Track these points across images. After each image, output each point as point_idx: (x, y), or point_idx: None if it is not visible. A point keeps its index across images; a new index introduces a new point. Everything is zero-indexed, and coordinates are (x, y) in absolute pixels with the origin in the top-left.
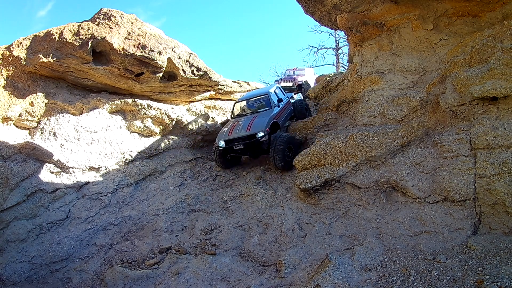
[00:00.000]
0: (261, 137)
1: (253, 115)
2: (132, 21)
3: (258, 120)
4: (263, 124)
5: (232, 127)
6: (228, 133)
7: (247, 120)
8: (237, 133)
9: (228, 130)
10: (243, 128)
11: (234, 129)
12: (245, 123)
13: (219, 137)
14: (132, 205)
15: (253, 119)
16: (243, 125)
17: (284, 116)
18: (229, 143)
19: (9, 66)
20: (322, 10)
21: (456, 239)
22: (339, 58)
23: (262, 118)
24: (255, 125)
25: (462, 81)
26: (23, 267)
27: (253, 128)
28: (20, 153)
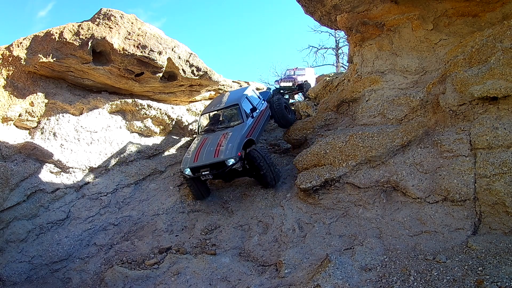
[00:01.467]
0: (232, 165)
1: (222, 133)
2: (132, 21)
3: (228, 141)
4: (232, 147)
5: (198, 149)
6: (194, 157)
7: (215, 139)
8: (204, 158)
9: (194, 153)
10: (210, 152)
11: (200, 153)
12: (213, 143)
13: (185, 162)
14: (132, 205)
15: (222, 139)
16: (210, 147)
17: (260, 127)
18: (196, 171)
19: (9, 66)
20: (322, 10)
21: (456, 239)
22: (339, 58)
23: (233, 139)
24: (224, 148)
25: (462, 81)
26: (23, 267)
27: (221, 153)
28: (20, 153)
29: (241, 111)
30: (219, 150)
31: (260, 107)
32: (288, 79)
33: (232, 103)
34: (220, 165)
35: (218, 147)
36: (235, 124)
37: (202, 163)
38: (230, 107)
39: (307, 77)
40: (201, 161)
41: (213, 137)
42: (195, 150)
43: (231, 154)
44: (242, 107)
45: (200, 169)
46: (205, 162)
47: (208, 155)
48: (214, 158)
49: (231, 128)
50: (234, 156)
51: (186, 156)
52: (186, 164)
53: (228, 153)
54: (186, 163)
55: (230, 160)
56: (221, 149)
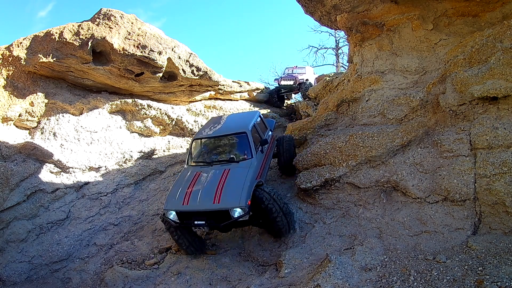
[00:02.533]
0: (238, 217)
1: (223, 168)
2: (132, 21)
3: (233, 183)
4: (240, 193)
5: (190, 187)
6: (183, 197)
7: (214, 177)
8: (199, 202)
9: (184, 192)
10: (207, 194)
11: (193, 193)
12: (211, 182)
13: (169, 202)
14: (132, 205)
15: (223, 178)
16: (208, 188)
17: (268, 165)
18: (186, 218)
19: (9, 66)
20: (322, 10)
21: (456, 239)
22: (339, 58)
23: (238, 180)
24: (228, 192)
25: (462, 81)
26: (23, 267)
27: (224, 199)
28: (20, 153)
29: (250, 142)
30: (221, 193)
31: (269, 139)
32: (288, 78)
33: (238, 131)
34: (221, 215)
35: (219, 189)
36: (240, 158)
37: (195, 208)
38: (235, 135)
39: (308, 75)
40: (194, 205)
41: (210, 173)
42: (185, 187)
43: (238, 202)
44: (251, 138)
45: (192, 217)
46: (200, 207)
47: (204, 198)
48: (214, 204)
49: (236, 164)
50: (242, 205)
51: (172, 193)
52: (172, 206)
53: (235, 201)
54: (171, 204)
55: (237, 210)
56: (224, 193)
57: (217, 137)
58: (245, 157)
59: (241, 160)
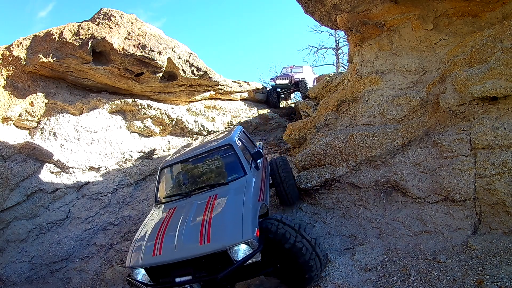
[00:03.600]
0: (245, 258)
1: (207, 195)
2: (132, 21)
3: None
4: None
5: (161, 230)
6: (153, 247)
7: (196, 210)
8: (177, 248)
9: (153, 238)
10: (188, 234)
11: (167, 237)
12: (192, 218)
13: (134, 258)
14: (132, 205)
15: (210, 208)
16: (188, 225)
17: (267, 183)
18: (162, 275)
19: (9, 66)
20: (322, 10)
21: (456, 239)
22: (339, 58)
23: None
24: (221, 224)
25: (462, 81)
26: (23, 267)
27: (216, 235)
28: (20, 153)
29: (239, 156)
30: (209, 228)
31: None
32: (284, 77)
33: (219, 144)
34: (216, 261)
35: (206, 223)
36: (230, 179)
37: (173, 257)
38: (217, 150)
39: (305, 74)
40: (170, 253)
41: (189, 206)
42: (155, 232)
43: (240, 234)
44: (238, 150)
45: (171, 272)
46: (180, 255)
47: (186, 240)
48: (202, 246)
49: (224, 187)
50: (249, 237)
51: (136, 243)
52: (138, 261)
53: (234, 234)
54: (137, 258)
55: (240, 248)
56: (215, 227)
57: (193, 158)
58: (235, 176)
59: (231, 181)
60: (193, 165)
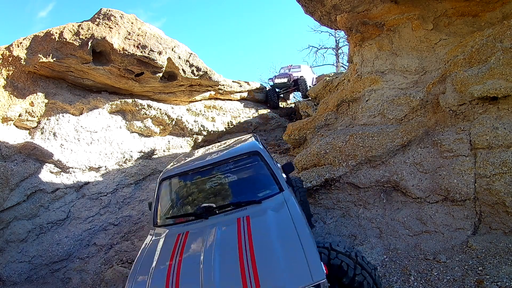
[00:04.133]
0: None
1: (234, 219)
2: (132, 21)
3: (272, 240)
4: (297, 252)
5: (174, 267)
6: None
7: (224, 237)
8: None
9: (162, 279)
10: (222, 274)
11: (183, 279)
12: (220, 248)
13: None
14: (132, 205)
15: (246, 236)
16: (218, 260)
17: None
18: None
19: (9, 66)
20: (322, 10)
21: (456, 239)
22: (339, 58)
23: (282, 229)
24: (270, 259)
25: (462, 81)
26: (23, 267)
27: (269, 277)
28: (20, 153)
29: (270, 166)
30: (254, 265)
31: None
32: (283, 76)
33: (244, 151)
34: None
35: (245, 257)
36: (262, 196)
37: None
38: (239, 159)
39: (303, 73)
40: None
41: (208, 231)
42: (164, 268)
43: (308, 273)
44: (268, 158)
45: None
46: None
47: (220, 283)
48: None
49: (256, 207)
50: (321, 277)
51: (138, 283)
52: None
53: (298, 272)
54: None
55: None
56: (263, 262)
57: (206, 168)
58: (268, 193)
59: (264, 199)
60: (206, 177)
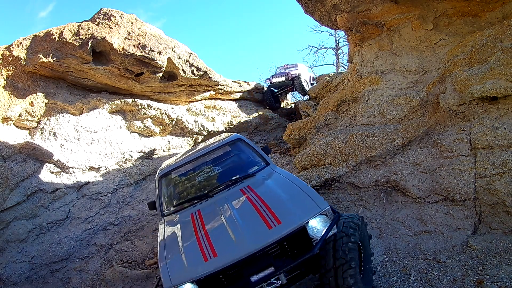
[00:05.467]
0: (329, 228)
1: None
2: (132, 21)
3: (279, 192)
4: (302, 195)
5: (201, 233)
6: (199, 253)
7: (236, 203)
8: (239, 242)
9: (195, 245)
10: (245, 224)
11: (213, 237)
12: (237, 210)
13: (174, 273)
14: (132, 205)
15: (255, 196)
16: (238, 217)
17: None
18: (224, 282)
19: (9, 66)
20: (322, 10)
21: (456, 238)
22: (339, 58)
23: (283, 185)
24: (283, 204)
25: (462, 81)
26: (23, 267)
27: (284, 214)
28: (20, 153)
29: (253, 147)
30: (270, 211)
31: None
32: (280, 75)
33: (228, 141)
34: (290, 246)
35: (260, 207)
36: (254, 170)
37: (239, 254)
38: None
39: (300, 71)
40: (232, 252)
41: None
42: (190, 237)
43: (315, 205)
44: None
45: (242, 272)
46: (249, 249)
47: (246, 230)
48: (273, 229)
49: (252, 179)
50: (326, 205)
51: (169, 259)
52: (183, 275)
53: (308, 206)
54: (179, 273)
55: (319, 221)
56: (277, 207)
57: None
58: (258, 168)
59: (257, 172)
60: (199, 167)
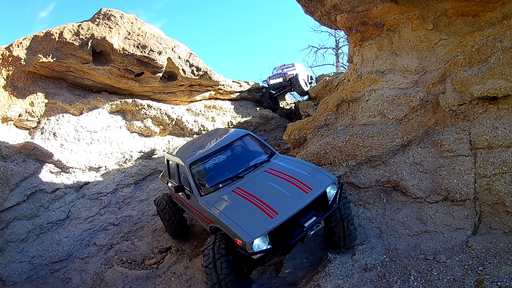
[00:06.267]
0: (338, 190)
1: (262, 170)
2: (132, 21)
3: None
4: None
5: (256, 201)
6: (265, 213)
7: (269, 178)
8: (290, 204)
9: (256, 209)
10: (290, 192)
11: (269, 202)
12: (275, 182)
13: (248, 230)
14: (132, 205)
15: (282, 173)
16: (279, 188)
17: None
18: (286, 231)
19: (9, 66)
20: (322, 10)
21: (456, 238)
22: (339, 58)
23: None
24: (306, 178)
25: (462, 81)
26: (23, 267)
27: (312, 184)
28: (20, 153)
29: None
30: (301, 182)
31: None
32: (277, 76)
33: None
34: (316, 203)
35: (292, 180)
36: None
37: (293, 210)
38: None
39: (298, 71)
40: (288, 209)
41: (254, 180)
42: (249, 205)
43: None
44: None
45: (296, 223)
46: (299, 206)
47: (292, 195)
48: (308, 194)
49: (268, 164)
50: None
51: (237, 220)
52: (257, 229)
53: (324, 178)
54: (254, 228)
55: (333, 187)
56: (304, 179)
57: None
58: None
59: (270, 157)
60: (222, 155)
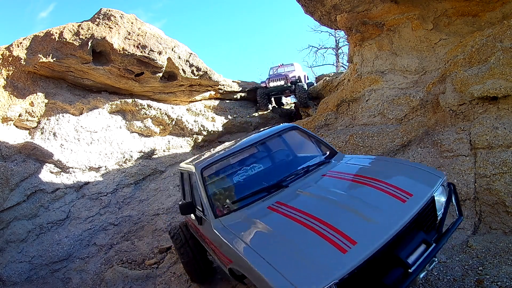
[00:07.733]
0: (449, 197)
1: (319, 174)
2: (132, 21)
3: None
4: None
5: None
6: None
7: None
8: (378, 221)
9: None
10: (374, 201)
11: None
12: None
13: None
14: (132, 205)
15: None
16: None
17: None
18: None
19: (9, 66)
20: (322, 10)
21: (456, 238)
22: (339, 58)
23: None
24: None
25: (462, 81)
26: (23, 267)
27: (410, 186)
28: (20, 153)
29: (312, 135)
30: (392, 185)
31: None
32: (277, 78)
33: (282, 128)
34: (425, 216)
35: (377, 183)
36: (327, 157)
37: (385, 235)
38: (278, 135)
39: (298, 73)
40: (374, 235)
41: (309, 190)
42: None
43: (434, 176)
44: (311, 133)
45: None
46: (395, 227)
47: (378, 208)
48: (406, 203)
49: (328, 165)
50: (444, 175)
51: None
52: (322, 276)
53: (429, 177)
54: (303, 280)
55: (442, 190)
56: (396, 181)
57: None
58: (330, 153)
59: (332, 157)
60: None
